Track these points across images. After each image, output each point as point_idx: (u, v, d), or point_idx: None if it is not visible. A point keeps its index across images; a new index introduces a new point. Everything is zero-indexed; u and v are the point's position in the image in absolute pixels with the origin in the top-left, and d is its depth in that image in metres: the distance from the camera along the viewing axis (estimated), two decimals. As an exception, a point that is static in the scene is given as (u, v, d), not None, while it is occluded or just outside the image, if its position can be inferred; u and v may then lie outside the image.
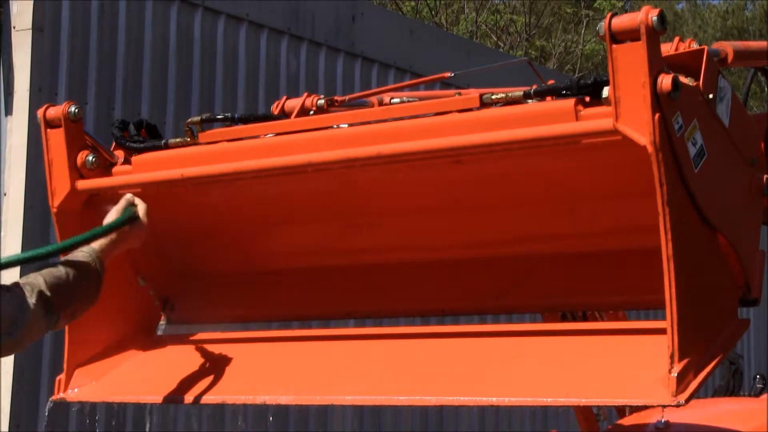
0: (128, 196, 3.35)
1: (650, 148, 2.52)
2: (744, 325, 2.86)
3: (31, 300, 2.97)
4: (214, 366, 3.40)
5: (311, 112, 4.16)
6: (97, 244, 3.22)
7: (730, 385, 5.76)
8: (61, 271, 3.09)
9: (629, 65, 2.55)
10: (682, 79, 2.69)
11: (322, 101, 4.17)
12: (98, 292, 3.19)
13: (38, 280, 3.03)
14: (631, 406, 4.24)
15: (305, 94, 4.26)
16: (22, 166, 6.39)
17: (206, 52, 7.45)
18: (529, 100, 2.99)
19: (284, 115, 3.84)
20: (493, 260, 3.31)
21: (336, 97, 4.30)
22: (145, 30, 7.10)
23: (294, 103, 4.23)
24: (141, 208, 3.33)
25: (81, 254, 3.18)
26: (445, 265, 3.37)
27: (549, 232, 3.21)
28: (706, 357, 2.69)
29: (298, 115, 4.11)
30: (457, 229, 3.30)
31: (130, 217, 3.29)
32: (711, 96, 2.85)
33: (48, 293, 3.01)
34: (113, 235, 3.25)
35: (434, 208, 3.28)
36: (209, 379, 3.33)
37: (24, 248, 6.22)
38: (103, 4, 6.85)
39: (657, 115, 2.53)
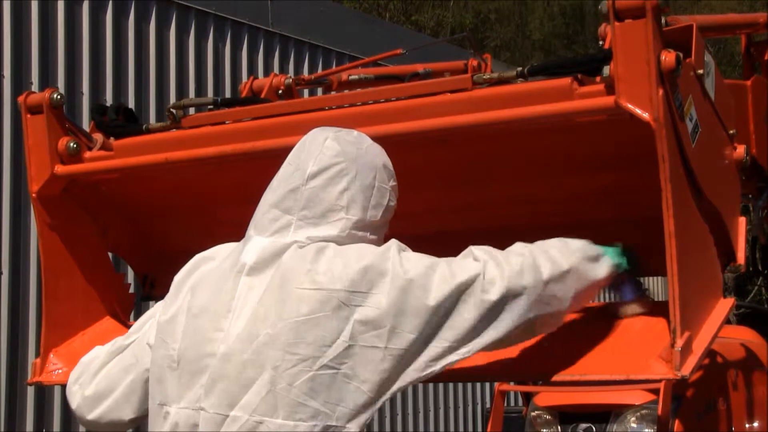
0: None
1: (654, 125, 2.56)
2: (729, 303, 2.88)
3: None
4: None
5: (279, 92, 4.17)
6: None
7: None
8: None
9: (633, 43, 2.57)
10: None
11: (290, 80, 4.19)
12: None
13: None
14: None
15: (272, 74, 4.27)
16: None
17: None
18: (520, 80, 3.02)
19: (266, 99, 3.81)
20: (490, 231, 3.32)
21: (303, 76, 4.32)
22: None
23: (262, 83, 4.23)
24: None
25: None
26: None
27: (542, 206, 3.25)
28: (704, 332, 2.73)
29: (267, 94, 4.12)
30: (456, 203, 3.33)
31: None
32: (700, 71, 2.90)
33: None
34: None
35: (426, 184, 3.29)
36: None
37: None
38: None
39: (661, 92, 2.56)
